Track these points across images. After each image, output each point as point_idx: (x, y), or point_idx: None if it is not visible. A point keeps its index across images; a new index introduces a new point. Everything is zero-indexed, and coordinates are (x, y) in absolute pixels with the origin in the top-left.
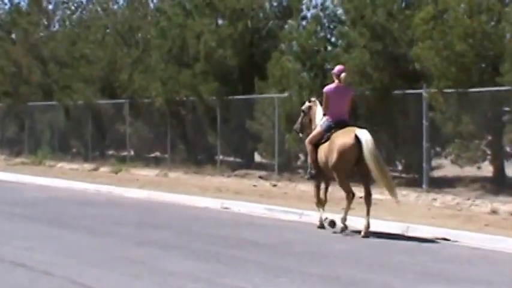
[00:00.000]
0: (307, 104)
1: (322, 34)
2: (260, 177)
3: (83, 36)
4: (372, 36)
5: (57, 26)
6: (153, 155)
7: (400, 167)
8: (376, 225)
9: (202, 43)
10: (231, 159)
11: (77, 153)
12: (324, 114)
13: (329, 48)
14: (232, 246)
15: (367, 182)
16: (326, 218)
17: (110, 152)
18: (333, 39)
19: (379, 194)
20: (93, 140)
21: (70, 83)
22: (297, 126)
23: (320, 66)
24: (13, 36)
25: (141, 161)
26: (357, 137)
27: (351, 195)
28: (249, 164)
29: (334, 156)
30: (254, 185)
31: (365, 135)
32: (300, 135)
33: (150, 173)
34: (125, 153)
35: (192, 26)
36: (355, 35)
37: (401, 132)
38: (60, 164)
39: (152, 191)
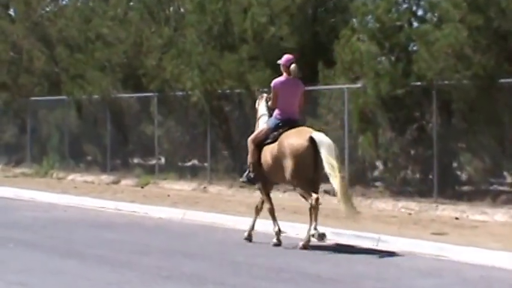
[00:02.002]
0: (257, 101)
1: (405, 6)
2: (325, 191)
3: (99, 12)
4: (470, 8)
5: None
6: (188, 163)
7: (509, 179)
8: (478, 255)
9: (250, 19)
10: None
11: (93, 161)
12: (272, 110)
13: (415, 24)
14: (286, 281)
15: (317, 187)
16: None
17: (135, 161)
18: (419, 12)
19: (479, 215)
20: (112, 144)
21: (83, 71)
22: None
23: (403, 47)
24: (11, 12)
25: (174, 171)
26: (312, 139)
27: (314, 200)
28: None
29: (289, 164)
30: None
31: (323, 139)
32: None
33: (184, 186)
34: (153, 162)
35: None
36: (449, 6)
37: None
38: (71, 176)
39: (187, 210)
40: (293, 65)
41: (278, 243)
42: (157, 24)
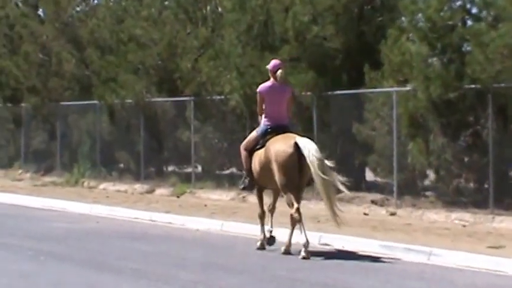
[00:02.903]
0: None
1: (459, 3)
2: (373, 202)
3: (132, 12)
4: None
5: None
6: (227, 171)
7: None
8: None
9: (292, 18)
10: None
11: (126, 169)
12: (260, 116)
13: (469, 23)
14: None
15: (301, 195)
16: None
17: (170, 169)
18: (473, 11)
19: None
20: (146, 151)
21: (115, 74)
22: None
23: (456, 48)
24: (40, 12)
25: (211, 180)
26: (296, 145)
27: (295, 209)
28: (357, 184)
29: (275, 170)
30: (365, 213)
31: (308, 144)
32: None
33: (222, 196)
34: (189, 170)
35: None
36: (506, 3)
37: None
38: (102, 185)
39: (225, 221)
40: (279, 71)
41: (262, 248)
42: (193, 24)
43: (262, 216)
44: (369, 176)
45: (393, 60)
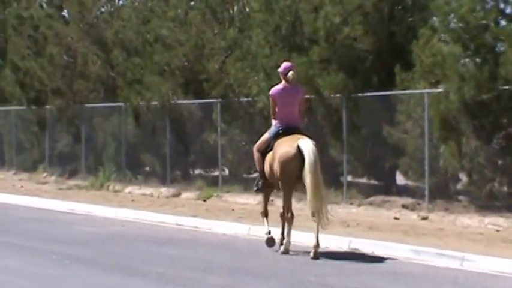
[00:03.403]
0: None
1: (492, 3)
2: (404, 206)
3: (158, 12)
4: None
5: None
6: (254, 175)
7: None
8: None
9: (322, 18)
10: (363, 180)
11: (151, 172)
12: (274, 119)
13: (502, 22)
14: None
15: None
16: (269, 232)
17: (196, 172)
18: (507, 10)
19: None
20: (172, 154)
21: (141, 76)
22: None
23: (490, 48)
24: (65, 13)
25: (239, 183)
26: (298, 147)
27: (289, 215)
28: (388, 187)
29: (277, 169)
30: (396, 218)
31: (307, 145)
32: None
33: (249, 200)
34: (216, 173)
35: None
36: None
37: None
38: (128, 188)
39: (252, 225)
40: (290, 73)
41: (271, 242)
42: (220, 25)
43: (265, 215)
44: (400, 179)
45: (425, 61)
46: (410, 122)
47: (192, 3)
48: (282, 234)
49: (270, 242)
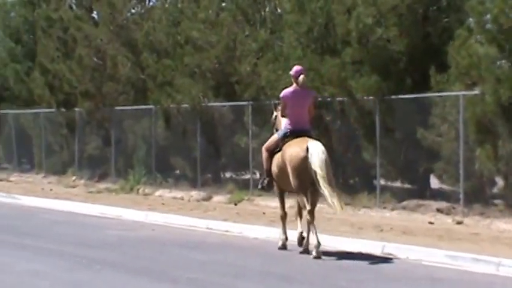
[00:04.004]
0: (274, 113)
1: None
2: (439, 210)
3: (189, 14)
4: None
5: (153, 0)
6: None
7: None
8: None
9: (355, 20)
10: (396, 184)
11: (182, 176)
12: (283, 117)
13: None
14: None
15: (316, 199)
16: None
17: (227, 175)
18: None
19: None
20: (203, 157)
21: (171, 78)
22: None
23: None
24: (95, 15)
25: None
26: (308, 149)
27: (308, 215)
28: (422, 191)
29: (289, 170)
30: (430, 222)
31: (317, 147)
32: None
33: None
34: (247, 177)
35: None
36: None
37: None
38: (158, 192)
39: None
40: (301, 76)
41: (282, 247)
42: (251, 26)
43: (284, 218)
44: (434, 183)
45: (460, 62)
46: (445, 124)
47: (223, 4)
48: (301, 233)
49: (283, 247)
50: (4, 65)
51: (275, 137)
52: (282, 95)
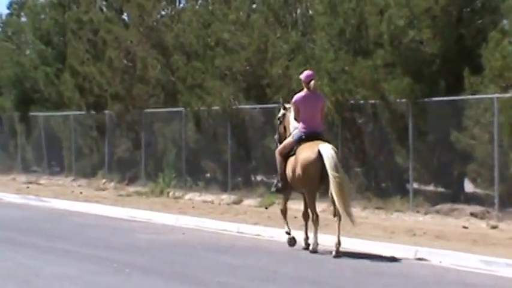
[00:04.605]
0: (282, 111)
1: None
2: (473, 214)
3: (219, 15)
4: None
5: (183, 2)
6: None
7: None
8: None
9: (387, 21)
10: (430, 188)
11: (212, 179)
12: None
13: None
14: None
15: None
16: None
17: (258, 178)
18: None
19: None
20: (234, 160)
21: (201, 80)
22: (277, 136)
23: None
24: (125, 16)
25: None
26: (320, 152)
27: (314, 217)
28: (456, 195)
29: (299, 173)
30: (464, 227)
31: (327, 150)
32: (277, 144)
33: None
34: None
35: None
36: None
37: None
38: (188, 195)
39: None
40: (312, 81)
41: (292, 243)
42: (283, 28)
43: (284, 213)
44: (468, 187)
45: (495, 64)
46: (479, 127)
47: (254, 6)
48: (306, 233)
49: (291, 241)
50: (34, 68)
51: (289, 140)
52: (294, 100)
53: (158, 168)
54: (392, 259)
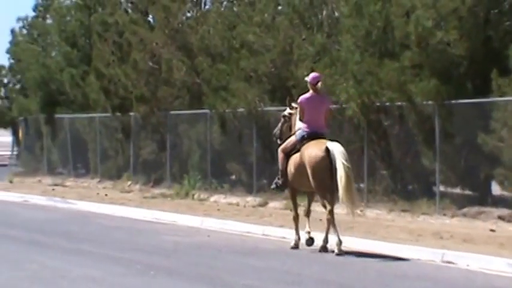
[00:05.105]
0: (288, 110)
1: None
2: (500, 217)
3: (244, 17)
4: None
5: (208, 4)
6: None
7: None
8: None
9: (414, 23)
10: (457, 191)
11: (238, 181)
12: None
13: None
14: None
15: (334, 197)
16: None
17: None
18: None
19: None
20: (259, 162)
21: (226, 82)
22: (276, 131)
23: None
24: (150, 18)
25: None
26: (327, 149)
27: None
28: (483, 198)
29: (309, 171)
30: (491, 230)
31: (337, 147)
32: (278, 141)
33: (338, 210)
34: None
35: None
36: None
37: None
38: (214, 197)
39: (343, 237)
40: (319, 83)
41: (295, 247)
42: (308, 30)
43: (296, 219)
44: (496, 189)
45: None
46: (506, 129)
47: (279, 7)
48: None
49: (309, 241)
50: (60, 70)
51: (292, 139)
52: (299, 100)
53: (183, 170)
54: (419, 262)
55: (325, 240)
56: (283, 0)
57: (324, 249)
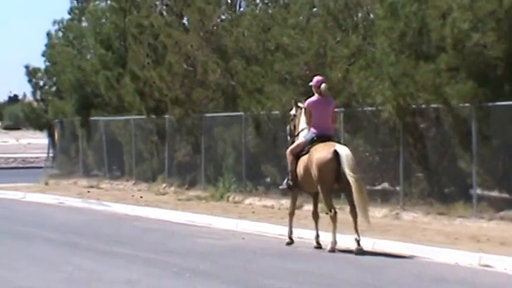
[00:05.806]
0: (293, 110)
1: None
2: None
3: (279, 20)
4: None
5: (243, 6)
6: (378, 187)
7: None
8: None
9: (450, 25)
10: (494, 194)
11: (272, 184)
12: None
13: None
14: None
15: (350, 196)
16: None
17: None
18: None
19: None
20: None
21: (261, 85)
22: (288, 128)
23: None
24: (185, 21)
25: None
26: (336, 152)
27: (332, 213)
28: None
29: (315, 172)
30: None
31: (345, 151)
32: (288, 138)
33: (373, 212)
34: None
35: (434, 0)
36: None
37: None
38: (248, 200)
39: (377, 240)
40: (323, 85)
41: (290, 243)
42: (343, 32)
43: (291, 216)
44: None
45: None
46: None
47: (314, 10)
48: (317, 233)
49: (289, 244)
50: (95, 72)
51: (302, 140)
52: (306, 104)
53: (218, 172)
54: (456, 266)
55: (334, 241)
56: (318, 2)
57: (333, 250)
